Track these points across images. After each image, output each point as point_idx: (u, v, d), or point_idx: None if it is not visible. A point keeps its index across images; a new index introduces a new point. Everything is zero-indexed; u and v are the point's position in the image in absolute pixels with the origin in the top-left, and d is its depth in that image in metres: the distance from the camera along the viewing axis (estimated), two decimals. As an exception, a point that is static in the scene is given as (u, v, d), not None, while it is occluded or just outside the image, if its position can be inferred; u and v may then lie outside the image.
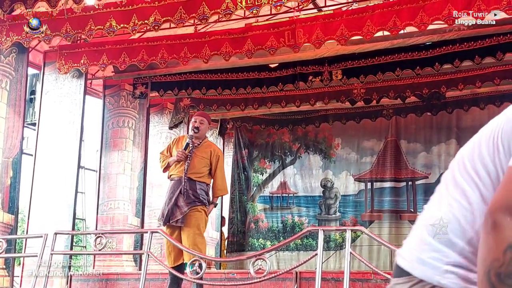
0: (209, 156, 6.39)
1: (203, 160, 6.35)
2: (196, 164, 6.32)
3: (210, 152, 6.44)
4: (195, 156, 6.34)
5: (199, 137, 6.43)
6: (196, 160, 6.33)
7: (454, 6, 6.32)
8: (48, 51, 8.91)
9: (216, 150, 6.58)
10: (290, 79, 9.28)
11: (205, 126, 6.50)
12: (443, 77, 9.38)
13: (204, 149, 6.43)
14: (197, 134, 6.37)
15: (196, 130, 6.36)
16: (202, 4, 6.67)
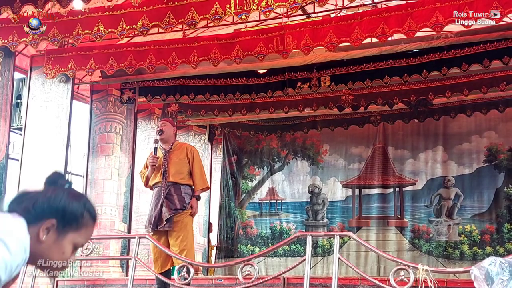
0: (185, 155, 6.43)
1: (180, 161, 6.38)
2: (175, 166, 6.34)
3: (185, 151, 6.48)
4: (170, 160, 6.38)
5: (166, 141, 6.48)
6: (173, 163, 6.36)
7: (441, 14, 6.36)
8: (35, 55, 8.87)
9: (190, 147, 6.65)
10: (278, 85, 9.28)
11: (169, 128, 6.56)
12: (431, 84, 9.43)
13: (178, 151, 6.47)
14: (162, 136, 6.43)
15: (161, 133, 6.43)
16: (191, 9, 6.66)
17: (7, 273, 1.73)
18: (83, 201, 2.01)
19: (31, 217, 1.88)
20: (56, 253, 1.93)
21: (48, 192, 1.99)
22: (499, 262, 3.98)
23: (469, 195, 10.78)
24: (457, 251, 10.51)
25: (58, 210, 1.93)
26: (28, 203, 1.92)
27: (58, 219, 1.91)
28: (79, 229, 1.97)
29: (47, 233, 1.89)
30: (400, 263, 5.02)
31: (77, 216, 1.96)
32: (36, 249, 1.88)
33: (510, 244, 10.09)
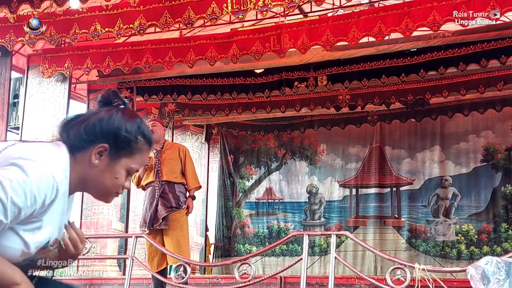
0: (177, 154, 6.47)
1: (172, 161, 6.42)
2: (167, 166, 6.38)
3: (177, 150, 6.53)
4: (162, 160, 6.40)
5: (157, 141, 6.51)
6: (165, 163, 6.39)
7: (439, 13, 6.35)
8: (32, 54, 8.85)
9: (181, 147, 6.72)
10: (275, 84, 9.27)
11: (159, 128, 6.61)
12: (428, 84, 9.42)
13: (169, 151, 6.51)
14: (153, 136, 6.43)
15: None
16: (188, 8, 6.65)
17: (29, 197, 1.66)
18: (137, 124, 1.93)
19: (82, 142, 1.85)
20: (109, 178, 1.89)
21: (101, 114, 1.90)
22: (496, 261, 3.98)
23: (466, 195, 10.80)
24: (454, 251, 10.52)
25: (110, 133, 1.87)
26: (78, 127, 1.88)
27: (110, 143, 1.86)
28: (133, 154, 1.91)
29: (99, 157, 1.86)
30: (397, 263, 5.02)
31: (131, 140, 1.90)
32: (88, 174, 1.87)
33: (507, 243, 10.10)
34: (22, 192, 1.64)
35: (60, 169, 1.77)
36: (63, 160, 1.81)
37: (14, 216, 1.65)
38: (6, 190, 1.62)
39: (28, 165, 1.68)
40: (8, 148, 1.77)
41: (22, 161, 1.69)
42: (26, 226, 1.74)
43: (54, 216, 1.81)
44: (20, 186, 1.64)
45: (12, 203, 1.62)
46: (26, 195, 1.65)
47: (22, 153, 1.72)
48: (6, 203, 1.62)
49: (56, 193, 1.74)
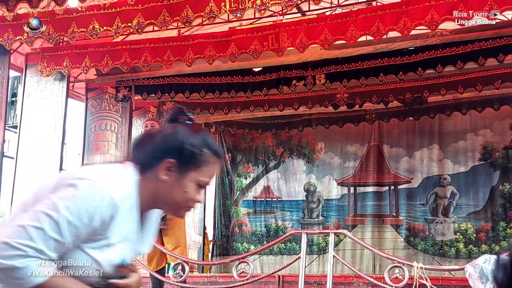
0: None
1: None
2: None
3: None
4: None
5: None
6: None
7: (436, 12, 6.36)
8: (30, 53, 8.85)
9: None
10: (273, 83, 9.27)
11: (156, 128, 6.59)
12: (426, 82, 9.42)
13: None
14: None
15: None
16: (186, 7, 6.66)
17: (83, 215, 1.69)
18: (201, 137, 1.96)
19: (150, 159, 1.91)
20: (179, 192, 1.93)
21: (166, 131, 1.97)
22: (494, 260, 3.99)
23: (465, 194, 10.81)
24: (452, 249, 10.53)
25: (176, 148, 1.91)
26: (145, 145, 1.96)
27: (176, 158, 1.90)
28: (200, 167, 1.93)
29: (167, 173, 1.90)
30: (395, 261, 5.04)
31: (196, 153, 1.92)
32: (158, 191, 1.91)
33: (505, 242, 10.11)
34: (76, 210, 1.69)
35: (119, 186, 1.80)
36: (127, 178, 1.86)
37: (73, 235, 1.70)
38: (59, 209, 1.67)
39: (81, 184, 1.73)
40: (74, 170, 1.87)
41: (77, 180, 1.75)
42: (92, 244, 1.78)
43: (123, 233, 1.84)
44: (73, 205, 1.69)
45: (67, 222, 1.67)
46: (80, 213, 1.69)
47: (79, 173, 1.80)
48: (59, 222, 1.67)
49: (115, 210, 1.77)
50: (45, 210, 1.67)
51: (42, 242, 1.65)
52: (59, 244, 1.68)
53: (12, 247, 1.62)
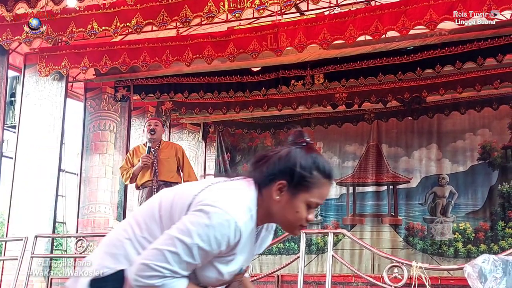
0: (175, 154, 6.48)
1: (170, 160, 6.43)
2: (165, 165, 6.38)
3: (174, 150, 6.54)
4: (160, 159, 6.40)
5: (156, 140, 6.51)
6: (163, 162, 6.39)
7: (435, 11, 6.37)
8: (29, 53, 8.84)
9: (178, 146, 6.76)
10: (272, 83, 9.28)
11: (160, 128, 6.63)
12: (425, 82, 9.43)
13: (166, 150, 6.52)
14: (154, 136, 6.46)
15: (153, 132, 6.46)
16: (185, 7, 6.65)
17: (213, 242, 1.85)
18: (312, 159, 2.01)
19: (265, 179, 2.01)
20: (290, 212, 2.01)
21: (281, 152, 2.04)
22: (493, 259, 3.99)
23: (463, 193, 10.80)
24: (451, 249, 10.53)
25: (287, 170, 1.98)
26: (264, 165, 2.04)
27: (288, 180, 1.97)
28: (310, 188, 1.98)
29: (279, 193, 1.99)
30: (394, 261, 5.04)
31: (305, 176, 1.97)
32: (272, 209, 2.03)
33: (504, 241, 10.11)
34: (207, 238, 1.85)
35: (244, 213, 1.93)
36: (249, 201, 1.98)
37: (203, 258, 1.88)
38: (193, 236, 1.83)
39: (213, 212, 1.86)
40: (204, 190, 1.97)
41: (209, 208, 1.87)
42: (220, 259, 1.96)
43: (244, 249, 2.01)
44: (205, 233, 1.84)
45: (198, 248, 1.84)
46: (210, 241, 1.85)
47: (210, 200, 1.91)
48: (192, 248, 1.84)
49: (240, 235, 1.91)
50: (180, 236, 1.84)
51: (177, 264, 1.84)
52: (191, 265, 1.88)
53: (151, 269, 1.82)
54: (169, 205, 1.98)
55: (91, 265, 1.99)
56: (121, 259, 1.95)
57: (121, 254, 1.96)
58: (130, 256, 1.94)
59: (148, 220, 1.99)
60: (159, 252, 1.83)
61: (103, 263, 1.96)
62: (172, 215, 1.95)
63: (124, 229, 2.03)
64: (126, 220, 2.09)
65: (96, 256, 2.02)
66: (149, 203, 2.07)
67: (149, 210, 2.02)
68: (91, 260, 2.02)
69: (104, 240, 2.06)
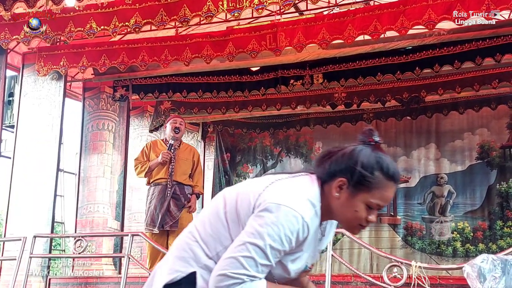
0: (191, 157, 6.44)
1: (187, 162, 6.40)
2: (182, 166, 6.35)
3: (192, 153, 6.50)
4: (178, 158, 6.37)
5: (178, 139, 6.47)
6: (180, 163, 6.36)
7: (434, 11, 6.37)
8: (27, 52, 8.82)
9: (195, 150, 6.76)
10: (271, 82, 9.27)
11: (184, 127, 6.61)
12: (423, 82, 9.44)
13: (185, 151, 6.48)
14: (177, 135, 6.42)
15: (177, 131, 6.42)
16: (183, 6, 6.65)
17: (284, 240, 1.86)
18: (376, 159, 1.97)
19: (327, 175, 2.00)
20: (349, 211, 1.99)
21: (345, 150, 2.02)
22: (491, 259, 3.99)
23: (462, 192, 10.82)
24: (449, 248, 10.54)
25: (348, 168, 1.96)
26: (327, 161, 2.03)
27: (348, 178, 1.95)
28: (371, 189, 1.95)
29: (339, 191, 1.98)
30: (393, 260, 5.03)
31: (366, 176, 1.94)
32: (332, 206, 2.01)
33: (503, 241, 10.12)
34: (278, 237, 1.85)
35: (309, 209, 1.93)
36: (313, 197, 1.97)
37: (276, 257, 1.89)
38: (264, 238, 1.84)
39: (280, 211, 1.87)
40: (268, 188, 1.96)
41: (275, 206, 1.88)
42: (287, 257, 1.96)
43: (310, 245, 2.01)
44: (275, 232, 1.85)
45: (271, 248, 1.85)
46: (282, 239, 1.86)
47: (275, 198, 1.90)
48: (265, 250, 1.84)
49: (308, 231, 1.92)
50: (251, 240, 1.84)
51: (254, 268, 1.85)
52: (267, 266, 1.88)
53: (229, 277, 1.83)
54: (233, 205, 1.98)
55: (163, 270, 2.01)
56: (191, 262, 1.96)
57: (190, 257, 1.97)
58: (199, 258, 1.96)
59: (213, 219, 2.00)
60: (234, 259, 1.84)
61: (174, 267, 1.98)
62: (238, 215, 1.95)
63: (190, 231, 2.05)
64: (193, 222, 2.11)
65: (167, 260, 2.04)
66: (213, 202, 2.07)
67: (214, 209, 2.03)
68: (163, 264, 2.05)
69: (174, 244, 2.08)
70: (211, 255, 1.95)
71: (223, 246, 1.94)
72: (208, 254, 1.95)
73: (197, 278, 1.93)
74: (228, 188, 2.13)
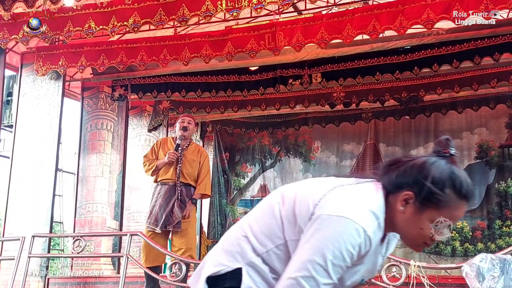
0: (199, 158, 6.39)
1: (194, 163, 6.35)
2: (188, 168, 6.31)
3: (199, 153, 6.45)
4: (185, 159, 6.32)
5: (186, 138, 6.43)
6: (187, 164, 6.31)
7: (433, 11, 6.37)
8: (26, 52, 8.82)
9: (204, 151, 6.67)
10: (270, 82, 9.27)
11: (193, 127, 6.54)
12: (422, 81, 9.44)
13: (193, 152, 6.43)
14: (185, 134, 6.37)
15: (185, 130, 6.37)
16: (182, 6, 6.65)
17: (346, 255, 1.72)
18: (449, 175, 1.81)
19: (392, 186, 1.85)
20: (414, 227, 1.85)
21: (416, 161, 1.86)
22: (490, 258, 4.00)
23: (460, 192, 10.81)
24: (448, 248, 10.54)
25: (417, 182, 1.80)
26: (394, 170, 1.87)
27: (416, 192, 1.80)
28: (440, 207, 1.79)
29: (405, 204, 1.83)
30: (392, 259, 5.03)
31: (435, 193, 1.78)
32: (395, 219, 1.86)
33: (501, 240, 10.13)
34: (339, 252, 1.72)
35: (372, 221, 1.78)
36: (376, 208, 1.82)
37: (338, 274, 1.75)
38: (325, 254, 1.71)
39: (340, 223, 1.73)
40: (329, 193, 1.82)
41: (335, 218, 1.74)
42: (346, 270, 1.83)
43: (370, 258, 1.88)
44: (336, 248, 1.72)
45: (332, 265, 1.72)
46: (343, 254, 1.72)
47: (335, 208, 1.77)
48: (327, 268, 1.71)
49: (370, 244, 1.78)
50: (311, 258, 1.71)
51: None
52: (329, 285, 1.74)
53: None
54: (291, 205, 1.85)
55: (210, 261, 1.93)
56: (237, 257, 1.86)
57: (237, 251, 1.87)
58: (246, 254, 1.85)
59: (267, 216, 1.89)
60: (294, 281, 1.72)
61: (219, 260, 1.88)
62: (295, 217, 1.83)
63: (241, 225, 1.94)
64: (246, 217, 1.99)
65: (214, 252, 1.95)
66: (269, 199, 1.95)
67: (269, 206, 1.91)
68: (211, 256, 1.95)
69: (224, 236, 1.99)
70: (260, 252, 1.85)
71: (274, 244, 1.84)
72: (256, 250, 1.85)
73: (242, 274, 1.83)
74: (286, 186, 1.99)
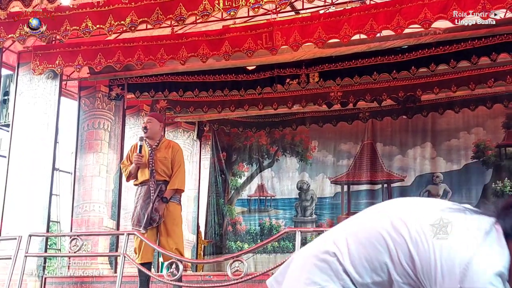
0: (169, 154, 6.36)
1: (166, 160, 6.31)
2: (161, 165, 6.28)
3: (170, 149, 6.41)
4: (156, 158, 6.30)
5: (152, 137, 6.40)
6: (159, 162, 6.29)
7: (430, 10, 6.38)
8: (22, 51, 8.80)
9: (175, 146, 6.57)
10: (267, 81, 9.26)
11: (154, 124, 6.45)
12: (419, 81, 9.44)
13: (164, 149, 6.40)
14: (146, 134, 6.35)
15: (145, 130, 6.36)
16: (179, 5, 6.64)
17: None
18: None
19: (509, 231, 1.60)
20: None
21: None
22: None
23: (458, 191, 10.84)
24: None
25: None
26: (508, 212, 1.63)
27: None
28: None
29: None
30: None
31: None
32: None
33: (498, 239, 10.14)
34: None
35: (500, 283, 1.55)
36: (505, 266, 1.57)
37: None
38: None
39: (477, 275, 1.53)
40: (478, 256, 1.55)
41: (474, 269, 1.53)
42: None
43: None
44: None
45: None
46: None
47: (488, 278, 1.53)
48: None
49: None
50: None
51: None
52: None
53: None
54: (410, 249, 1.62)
55: (300, 273, 1.76)
56: (333, 277, 1.69)
57: (331, 269, 1.70)
58: (339, 275, 1.68)
59: (371, 250, 1.67)
60: None
61: (311, 277, 1.72)
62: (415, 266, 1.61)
63: (334, 241, 1.75)
64: (342, 230, 1.80)
65: (305, 262, 1.78)
66: (374, 223, 1.73)
67: (375, 231, 1.70)
68: (300, 265, 1.79)
69: (313, 245, 1.82)
70: (354, 280, 1.68)
71: (372, 280, 1.67)
72: (352, 278, 1.68)
73: None
74: (396, 212, 1.73)
